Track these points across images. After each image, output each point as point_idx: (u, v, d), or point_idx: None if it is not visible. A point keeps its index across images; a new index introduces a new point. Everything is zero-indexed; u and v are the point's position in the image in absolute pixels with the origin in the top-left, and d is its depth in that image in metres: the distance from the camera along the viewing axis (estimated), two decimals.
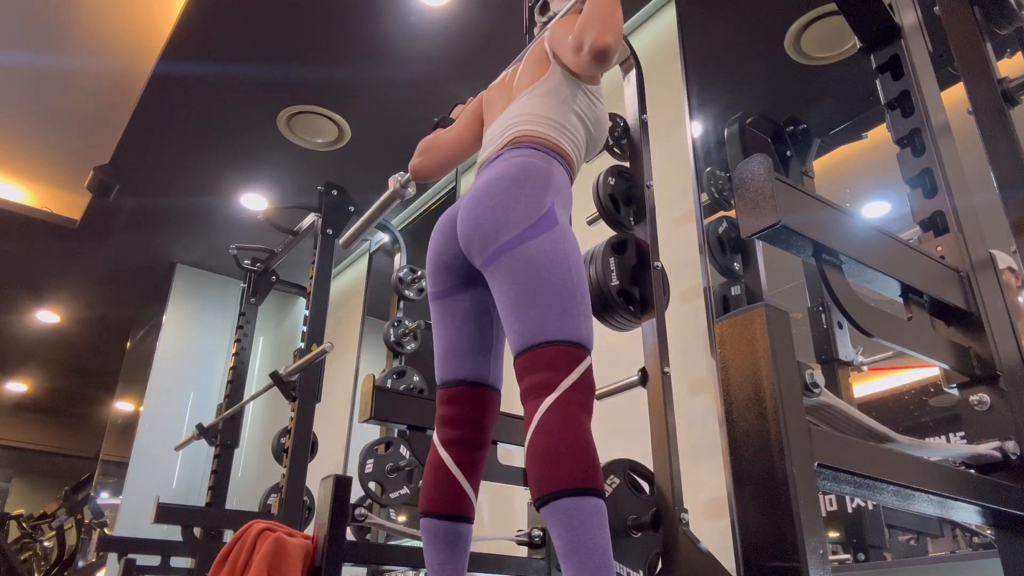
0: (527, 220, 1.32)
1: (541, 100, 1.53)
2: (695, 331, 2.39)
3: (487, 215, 1.35)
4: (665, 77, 2.85)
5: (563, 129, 1.50)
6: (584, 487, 1.11)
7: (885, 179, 2.13)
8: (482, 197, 1.38)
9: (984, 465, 1.13)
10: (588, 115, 1.56)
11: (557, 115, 1.51)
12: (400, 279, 3.41)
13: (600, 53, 1.39)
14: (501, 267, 1.32)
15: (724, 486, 2.05)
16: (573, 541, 1.09)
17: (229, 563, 1.65)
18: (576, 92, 1.55)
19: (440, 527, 1.36)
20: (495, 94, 1.72)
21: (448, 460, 1.39)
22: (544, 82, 1.55)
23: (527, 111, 1.52)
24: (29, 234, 4.91)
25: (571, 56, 1.49)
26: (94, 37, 3.55)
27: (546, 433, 1.16)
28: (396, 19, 3.17)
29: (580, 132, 1.54)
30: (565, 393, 1.19)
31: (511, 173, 1.39)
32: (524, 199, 1.35)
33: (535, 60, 1.62)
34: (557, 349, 1.23)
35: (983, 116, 1.47)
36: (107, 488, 5.75)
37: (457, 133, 1.79)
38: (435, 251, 1.49)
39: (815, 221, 1.00)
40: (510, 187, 1.36)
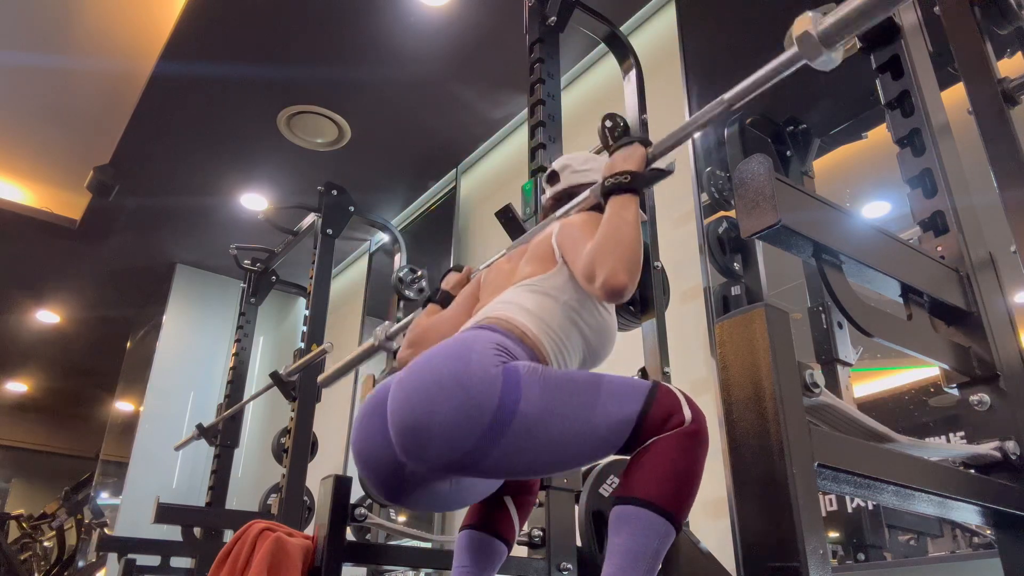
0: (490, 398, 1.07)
1: (536, 297, 1.31)
2: (695, 331, 2.39)
3: (428, 420, 1.08)
4: (665, 77, 2.85)
5: (549, 332, 1.27)
6: (672, 514, 1.07)
7: (885, 179, 2.13)
8: (412, 390, 1.12)
9: (984, 465, 1.14)
10: (589, 325, 1.34)
11: (549, 317, 1.28)
12: (400, 279, 3.42)
13: (614, 292, 1.19)
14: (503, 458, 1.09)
15: (724, 486, 2.05)
16: (631, 545, 1.05)
17: (229, 563, 1.65)
18: (583, 299, 1.33)
19: (481, 537, 1.35)
20: (494, 276, 1.52)
21: (505, 493, 1.39)
22: (547, 279, 1.34)
23: (515, 301, 1.31)
24: (29, 234, 4.91)
25: (581, 281, 1.28)
26: (94, 37, 3.55)
27: (671, 447, 1.09)
28: (396, 19, 3.17)
29: (573, 344, 1.31)
30: (690, 426, 1.11)
31: (438, 349, 1.17)
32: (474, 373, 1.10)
33: (540, 253, 1.41)
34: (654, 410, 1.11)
35: (983, 116, 1.47)
36: (107, 488, 5.75)
37: (451, 320, 1.53)
38: (368, 459, 1.22)
39: (815, 221, 1.00)
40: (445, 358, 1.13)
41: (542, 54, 2.13)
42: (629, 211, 1.27)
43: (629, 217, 1.26)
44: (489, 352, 1.13)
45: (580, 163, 1.59)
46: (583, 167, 1.58)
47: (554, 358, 1.27)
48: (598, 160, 1.59)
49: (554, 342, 1.27)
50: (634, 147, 1.37)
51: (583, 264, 1.25)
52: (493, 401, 1.07)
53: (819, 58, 1.11)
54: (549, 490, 1.67)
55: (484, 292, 1.51)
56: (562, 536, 1.64)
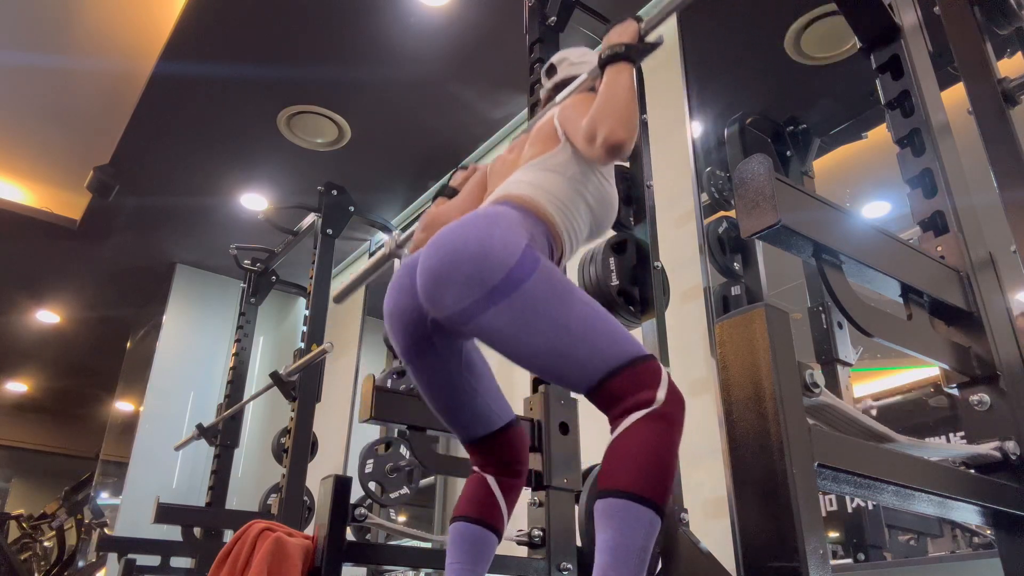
0: (507, 259, 1.20)
1: (544, 174, 1.42)
2: (695, 331, 2.39)
3: (451, 270, 1.21)
4: (665, 77, 2.85)
5: (559, 205, 1.39)
6: (654, 501, 1.08)
7: (885, 179, 2.13)
8: (440, 247, 1.25)
9: (984, 465, 1.14)
10: (594, 196, 1.45)
11: (558, 191, 1.40)
12: None
13: (614, 149, 1.30)
14: (496, 321, 1.19)
15: (724, 486, 2.05)
16: (618, 540, 1.06)
17: (229, 563, 1.65)
18: (586, 171, 1.44)
19: (471, 530, 1.36)
20: (500, 166, 1.63)
21: (491, 480, 1.41)
22: (551, 157, 1.45)
23: (527, 179, 1.42)
24: (29, 234, 4.91)
25: (583, 144, 1.39)
26: (94, 37, 3.55)
27: (640, 434, 1.10)
28: (396, 19, 3.17)
29: (581, 215, 1.43)
30: (663, 407, 1.12)
31: (467, 219, 1.29)
32: (494, 238, 1.22)
33: (543, 135, 1.51)
34: (633, 370, 1.15)
35: (983, 116, 1.47)
36: (107, 488, 5.75)
37: (460, 206, 1.65)
38: (395, 311, 1.36)
39: (815, 221, 1.00)
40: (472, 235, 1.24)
41: (542, 54, 2.13)
42: (625, 76, 1.39)
43: (625, 82, 1.37)
44: (515, 226, 1.26)
45: (577, 56, 1.72)
46: (580, 60, 1.71)
47: (565, 229, 1.39)
48: (593, 54, 1.69)
49: (564, 215, 1.39)
50: (627, 23, 1.51)
51: (584, 128, 1.36)
52: (505, 268, 1.19)
53: None
54: (549, 490, 1.67)
55: (492, 179, 1.62)
56: (562, 536, 1.64)
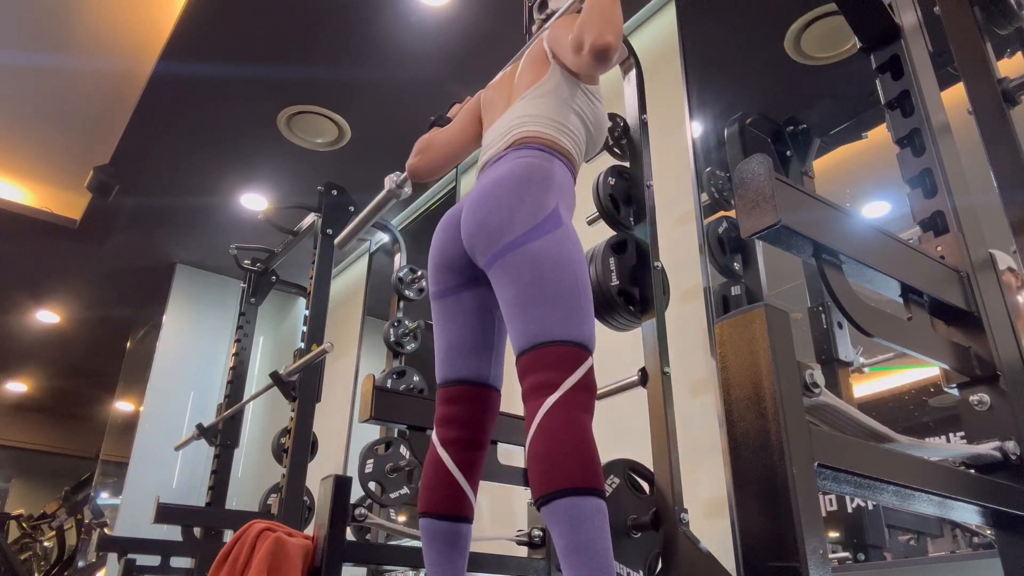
0: (531, 220, 1.33)
1: (542, 100, 1.53)
2: (695, 331, 2.39)
3: (491, 215, 1.36)
4: (665, 77, 2.85)
5: (564, 129, 1.51)
6: (585, 487, 1.11)
7: (885, 179, 2.13)
8: (487, 197, 1.39)
9: (984, 465, 1.13)
10: (588, 115, 1.57)
11: (558, 115, 1.51)
12: (400, 279, 3.41)
13: (600, 52, 1.39)
14: (505, 267, 1.32)
15: (724, 486, 2.05)
16: (574, 541, 1.09)
17: (229, 563, 1.65)
18: (576, 92, 1.56)
19: (439, 527, 1.36)
20: (494, 94, 1.72)
21: (447, 459, 1.39)
22: (544, 82, 1.55)
23: (529, 112, 1.52)
24: (29, 234, 4.91)
25: (571, 56, 1.49)
26: (94, 37, 3.55)
27: (547, 433, 1.16)
28: (396, 19, 3.17)
29: (581, 132, 1.55)
30: (567, 393, 1.19)
31: (516, 174, 1.40)
32: (529, 199, 1.35)
33: (534, 60, 1.62)
34: (559, 349, 1.24)
35: (983, 116, 1.47)
36: (107, 488, 5.75)
37: (455, 132, 1.78)
38: (438, 250, 1.50)
39: (815, 221, 1.00)
40: (515, 187, 1.37)
41: None
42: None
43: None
44: (543, 181, 1.39)
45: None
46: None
47: (576, 153, 1.53)
48: None
49: (568, 136, 1.51)
50: None
51: (573, 38, 1.44)
52: (531, 224, 1.32)
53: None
54: None
55: (486, 110, 1.71)
56: None
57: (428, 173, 1.81)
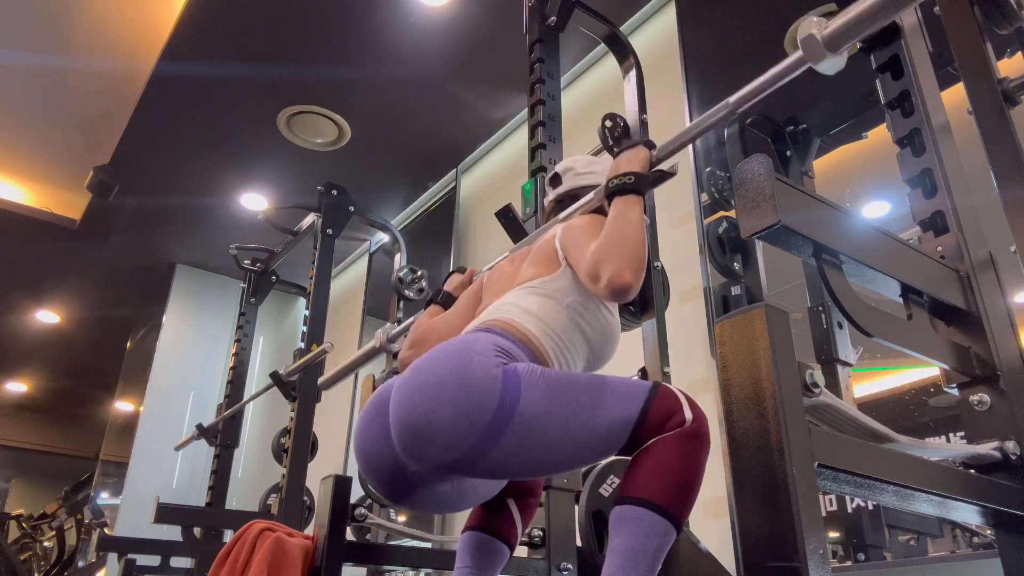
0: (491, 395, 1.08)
1: (540, 300, 1.31)
2: (695, 331, 2.39)
3: (430, 418, 1.08)
4: (665, 77, 2.85)
5: (550, 333, 1.27)
6: (675, 515, 1.06)
7: (885, 179, 2.13)
8: (413, 390, 1.13)
9: (984, 465, 1.14)
10: (592, 327, 1.34)
11: (551, 319, 1.29)
12: (400, 279, 3.41)
13: (619, 291, 1.19)
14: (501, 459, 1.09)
15: (724, 486, 2.05)
16: (634, 545, 1.05)
17: (229, 563, 1.65)
18: (586, 300, 1.33)
19: (481, 538, 1.34)
20: (496, 278, 1.52)
21: (507, 495, 1.38)
22: (550, 281, 1.34)
23: (519, 303, 1.31)
24: (29, 234, 4.91)
25: (585, 280, 1.27)
26: (94, 37, 3.55)
27: (675, 447, 1.08)
28: (396, 19, 3.17)
29: (575, 346, 1.31)
30: (692, 425, 1.10)
31: (442, 355, 1.15)
32: (475, 371, 1.10)
33: (543, 255, 1.40)
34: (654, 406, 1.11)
35: (983, 116, 1.47)
36: (107, 488, 5.75)
37: (453, 324, 1.52)
38: (371, 459, 1.21)
39: (815, 221, 1.00)
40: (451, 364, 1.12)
41: (542, 54, 2.13)
42: (634, 211, 1.28)
43: (634, 217, 1.26)
44: (490, 353, 1.14)
45: (583, 166, 1.59)
46: (586, 170, 1.58)
47: (556, 361, 1.27)
48: (601, 163, 1.59)
49: (556, 345, 1.27)
50: (638, 149, 1.38)
51: (588, 264, 1.24)
52: (493, 401, 1.07)
53: (823, 62, 1.12)
54: (549, 490, 1.67)
55: (487, 294, 1.50)
56: (562, 536, 1.64)
57: None
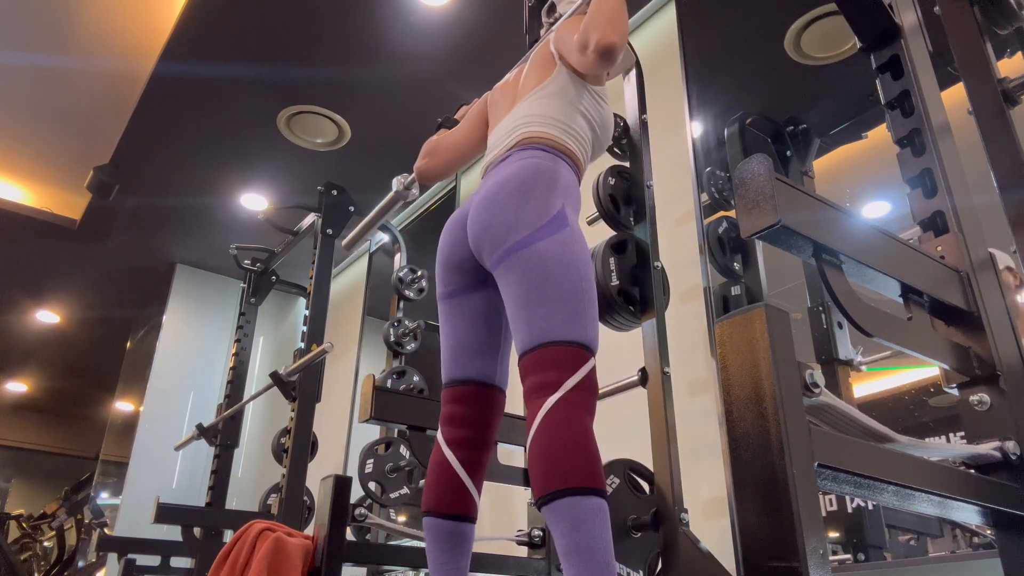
0: (537, 221, 1.33)
1: (547, 101, 1.52)
2: (695, 331, 2.39)
3: (497, 216, 1.35)
4: (665, 77, 2.85)
5: (569, 130, 1.50)
6: (587, 487, 1.11)
7: (885, 179, 2.13)
8: (492, 198, 1.39)
9: (984, 465, 1.14)
10: (594, 116, 1.56)
11: (563, 116, 1.50)
12: (400, 279, 3.41)
13: (605, 51, 1.39)
14: (510, 267, 1.32)
15: (724, 486, 2.05)
16: (575, 540, 1.09)
17: (229, 563, 1.65)
18: (582, 93, 1.54)
19: (443, 526, 1.36)
20: (500, 96, 1.72)
21: (452, 459, 1.39)
22: (550, 83, 1.55)
23: (533, 112, 1.52)
24: (29, 234, 4.91)
25: (576, 55, 1.49)
26: (94, 37, 3.55)
27: (549, 432, 1.17)
28: (396, 19, 3.17)
29: (586, 133, 1.54)
30: (568, 393, 1.19)
31: (521, 174, 1.39)
32: (534, 200, 1.35)
33: (540, 61, 1.62)
34: (562, 349, 1.24)
35: (983, 116, 1.47)
36: (107, 488, 5.74)
37: (462, 135, 1.78)
38: (445, 251, 1.49)
39: (815, 221, 1.00)
40: (520, 188, 1.37)
41: None
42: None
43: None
44: (552, 183, 1.38)
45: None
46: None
47: (581, 154, 1.51)
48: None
49: (575, 139, 1.50)
50: None
51: (578, 38, 1.45)
52: (536, 225, 1.32)
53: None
54: None
55: (493, 109, 1.70)
56: None
57: (436, 175, 1.82)
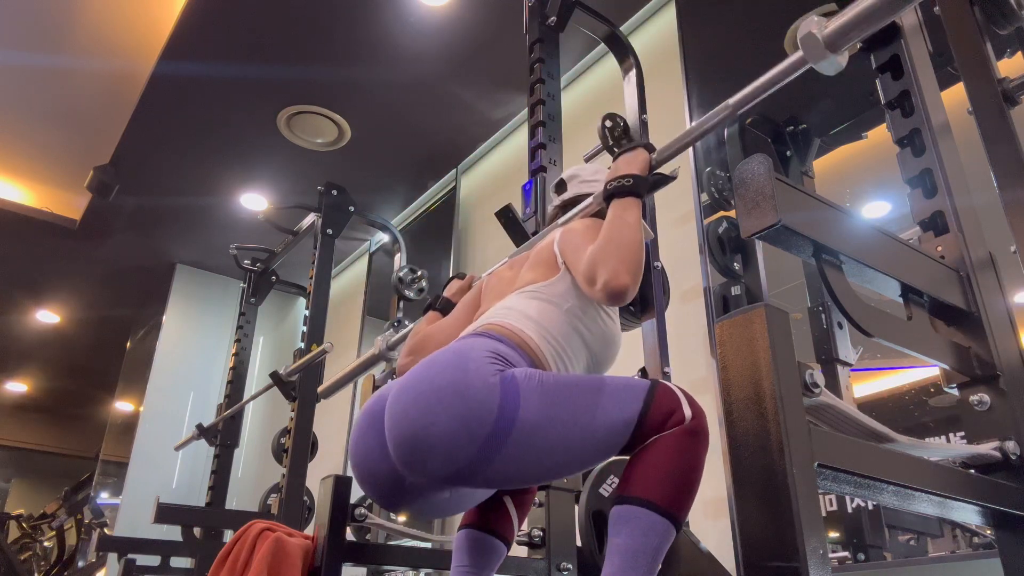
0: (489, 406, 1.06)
1: (539, 304, 1.30)
2: (695, 331, 2.39)
3: (427, 431, 1.06)
4: (665, 77, 2.85)
5: (549, 338, 1.26)
6: (673, 512, 1.06)
7: (885, 179, 2.13)
8: (409, 403, 1.10)
9: (984, 465, 1.13)
10: (592, 332, 1.33)
11: (550, 324, 1.27)
12: (400, 279, 3.42)
13: (615, 294, 1.18)
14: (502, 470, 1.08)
15: (724, 486, 2.05)
16: (631, 544, 1.04)
17: (229, 563, 1.65)
18: (585, 305, 1.32)
19: (476, 535, 1.34)
20: (495, 283, 1.51)
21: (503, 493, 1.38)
22: (549, 286, 1.33)
23: (518, 308, 1.30)
24: (29, 234, 4.91)
25: (582, 284, 1.27)
26: (94, 37, 3.55)
27: (668, 449, 1.08)
28: (396, 19, 3.17)
29: (575, 351, 1.30)
30: (692, 422, 1.10)
31: (438, 364, 1.13)
32: (472, 380, 1.08)
33: (542, 259, 1.40)
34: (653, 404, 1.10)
35: (983, 116, 1.46)
36: (107, 488, 5.75)
37: (452, 328, 1.51)
38: (361, 465, 1.19)
39: (815, 221, 1.00)
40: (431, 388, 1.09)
41: (542, 54, 2.13)
42: (631, 214, 1.27)
43: (631, 220, 1.25)
44: (485, 360, 1.12)
45: (589, 174, 1.61)
46: (592, 178, 1.59)
47: (555, 366, 1.25)
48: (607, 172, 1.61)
49: (555, 349, 1.26)
50: (638, 152, 1.38)
51: (585, 266, 1.24)
52: (492, 411, 1.05)
53: (823, 62, 1.11)
54: (549, 490, 1.67)
55: (486, 299, 1.49)
56: (562, 536, 1.64)
57: None
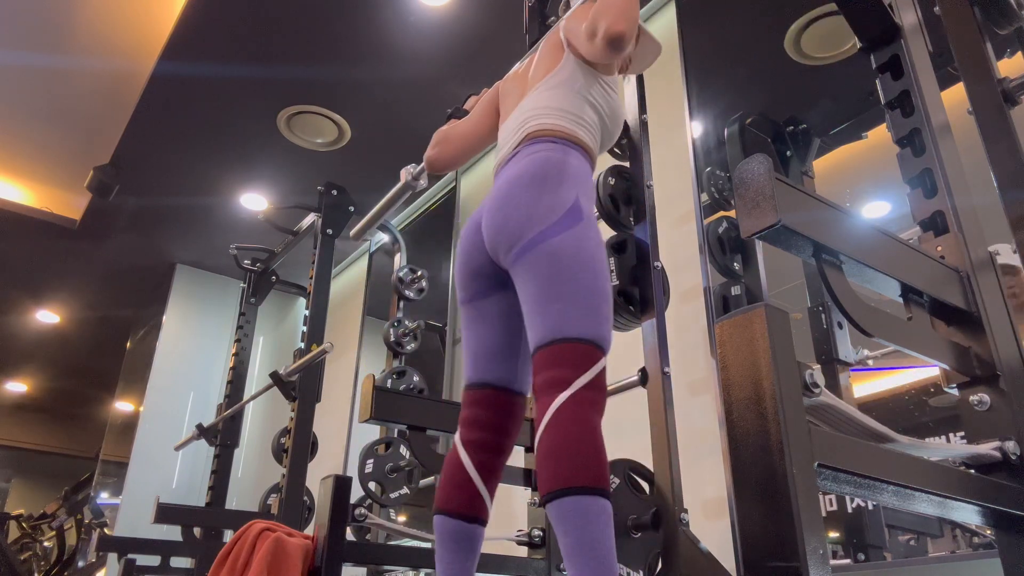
0: (551, 216, 1.31)
1: (555, 91, 1.50)
2: (695, 331, 2.39)
3: (510, 215, 1.34)
4: (665, 77, 2.85)
5: (579, 120, 1.47)
6: (592, 486, 1.11)
7: (885, 179, 2.13)
8: (504, 197, 1.37)
9: (984, 465, 1.13)
10: (603, 106, 1.52)
11: (572, 106, 1.48)
12: (400, 279, 3.41)
13: (614, 40, 1.36)
14: (526, 264, 1.30)
15: (724, 486, 2.05)
16: (579, 540, 1.08)
17: (229, 563, 1.65)
18: (591, 82, 1.51)
19: (453, 526, 1.36)
20: (511, 85, 1.69)
21: (467, 461, 1.38)
22: (558, 72, 1.52)
23: (541, 104, 1.49)
24: (29, 234, 4.91)
25: (585, 43, 1.45)
26: (94, 37, 3.55)
27: (557, 430, 1.16)
28: (396, 19, 3.17)
29: (596, 123, 1.51)
30: (579, 391, 1.19)
31: (530, 170, 1.37)
32: (546, 195, 1.33)
33: (550, 50, 1.59)
34: (575, 346, 1.23)
35: (983, 116, 1.47)
36: (107, 488, 5.74)
37: (473, 124, 1.76)
38: (462, 258, 1.48)
39: (815, 221, 1.00)
40: (531, 184, 1.35)
41: None
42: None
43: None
44: (563, 175, 1.36)
45: None
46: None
47: (590, 141, 1.48)
48: None
49: (585, 128, 1.47)
50: None
51: (587, 25, 1.42)
52: (550, 220, 1.30)
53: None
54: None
55: (505, 98, 1.67)
56: None
57: (445, 165, 1.80)
